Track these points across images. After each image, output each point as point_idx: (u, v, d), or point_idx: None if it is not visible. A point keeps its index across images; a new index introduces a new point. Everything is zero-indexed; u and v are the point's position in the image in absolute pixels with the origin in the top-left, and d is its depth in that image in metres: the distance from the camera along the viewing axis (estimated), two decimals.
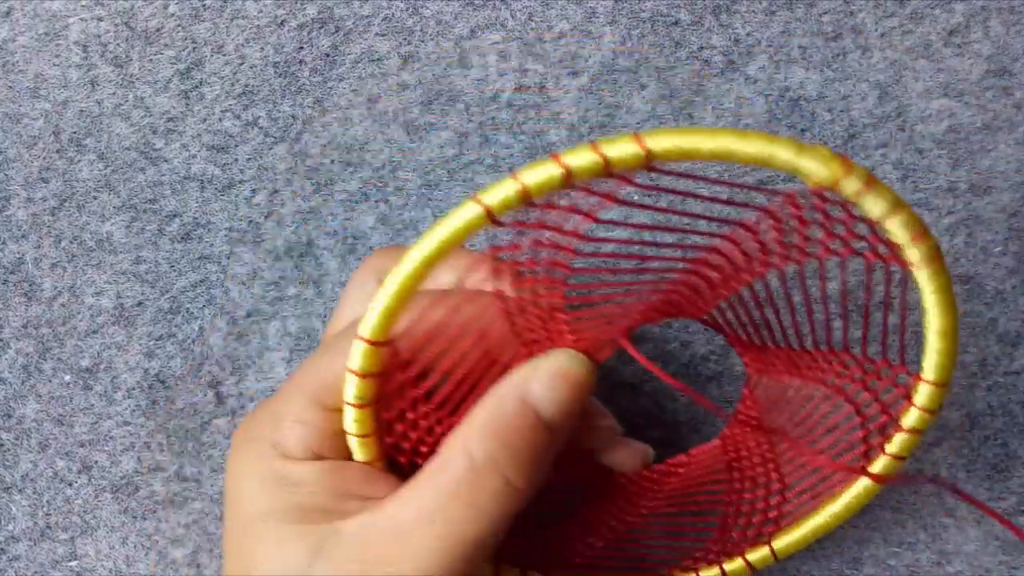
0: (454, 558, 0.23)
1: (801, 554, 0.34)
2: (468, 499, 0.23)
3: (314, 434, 0.25)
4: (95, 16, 0.36)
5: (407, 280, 0.22)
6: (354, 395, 0.24)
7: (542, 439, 0.24)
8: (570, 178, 0.20)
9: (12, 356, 0.35)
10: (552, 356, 0.24)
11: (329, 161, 0.35)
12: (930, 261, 0.22)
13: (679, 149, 0.20)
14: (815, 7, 0.35)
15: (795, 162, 0.20)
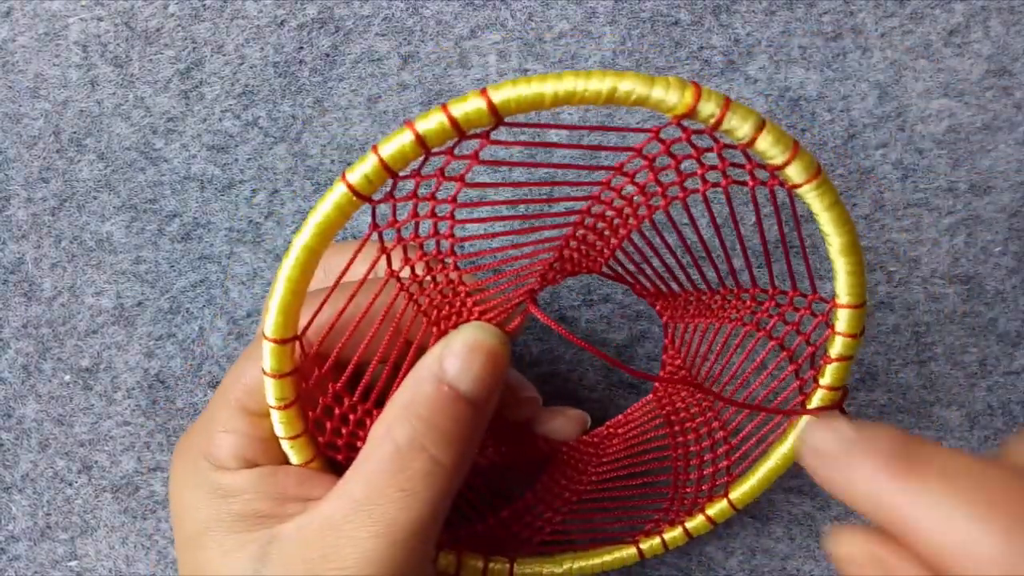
0: (393, 545, 0.23)
1: (801, 553, 0.35)
2: (397, 484, 0.23)
3: (244, 442, 0.25)
4: (95, 16, 0.36)
5: (294, 271, 0.23)
6: (275, 396, 0.24)
7: (464, 414, 0.24)
8: (424, 143, 0.21)
9: (12, 356, 0.35)
10: (463, 330, 0.24)
11: (329, 161, 0.35)
12: (810, 177, 0.22)
13: (523, 98, 0.20)
14: (815, 7, 0.35)
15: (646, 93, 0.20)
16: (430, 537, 0.24)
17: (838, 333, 0.26)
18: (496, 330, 0.24)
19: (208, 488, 0.25)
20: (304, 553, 0.24)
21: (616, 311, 0.35)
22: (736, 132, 0.21)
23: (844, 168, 0.35)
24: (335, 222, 0.22)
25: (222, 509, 0.25)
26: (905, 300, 0.35)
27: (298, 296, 0.23)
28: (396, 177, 0.21)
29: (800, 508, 0.35)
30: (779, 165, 0.21)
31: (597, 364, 0.35)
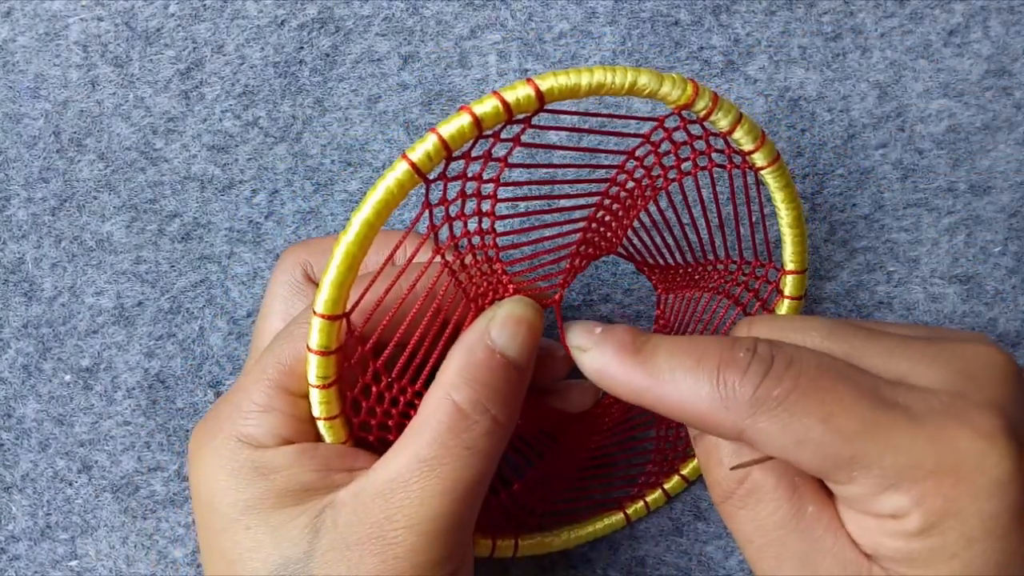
0: (457, 500, 0.24)
1: None
2: (463, 442, 0.24)
3: (282, 420, 0.25)
4: (95, 16, 0.36)
5: (352, 247, 0.23)
6: (317, 375, 0.25)
7: (513, 376, 0.25)
8: (480, 124, 0.23)
9: (12, 356, 0.35)
10: (505, 304, 0.26)
11: (329, 161, 0.35)
12: (771, 161, 0.27)
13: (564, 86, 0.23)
14: (815, 7, 0.35)
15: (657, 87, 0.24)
16: (482, 498, 0.25)
17: (785, 296, 0.31)
18: (533, 303, 0.26)
19: (247, 468, 0.25)
20: (364, 516, 0.24)
21: (616, 311, 0.35)
22: (720, 122, 0.26)
23: (844, 168, 0.35)
24: (395, 198, 0.23)
25: (264, 486, 0.25)
26: (905, 300, 0.35)
27: (353, 272, 0.24)
28: (451, 157, 0.23)
29: None
30: (749, 151, 0.27)
31: None
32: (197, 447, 0.26)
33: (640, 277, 0.35)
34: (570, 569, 0.34)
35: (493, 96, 0.23)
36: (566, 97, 0.23)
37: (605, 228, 0.29)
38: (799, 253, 0.30)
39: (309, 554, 0.24)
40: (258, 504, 0.24)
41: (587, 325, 0.25)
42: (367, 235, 0.23)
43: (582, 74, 0.23)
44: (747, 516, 0.24)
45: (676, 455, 0.34)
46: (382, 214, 0.23)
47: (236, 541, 0.24)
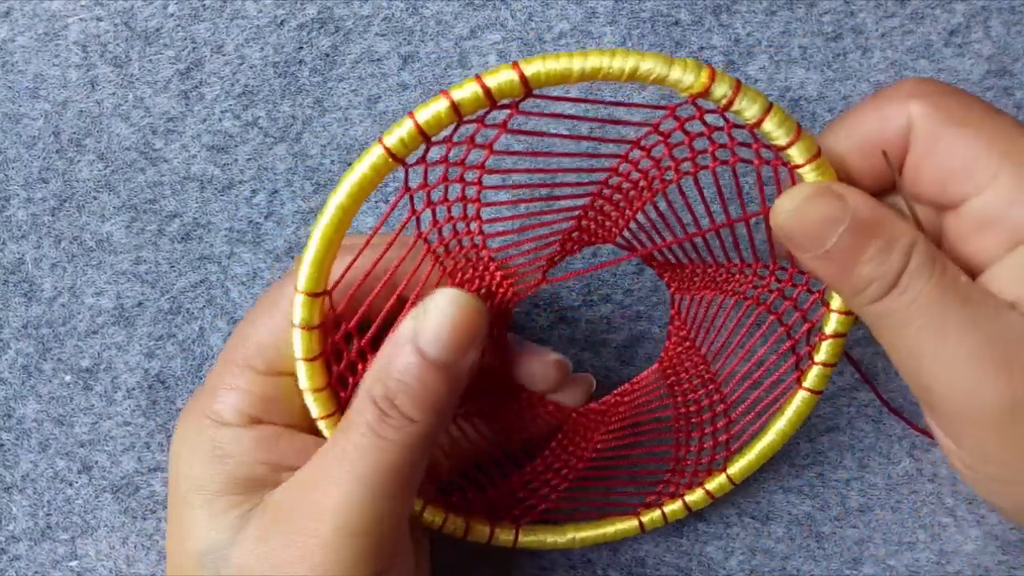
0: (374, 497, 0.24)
1: (801, 554, 0.35)
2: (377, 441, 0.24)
3: (248, 399, 0.26)
4: (95, 16, 0.36)
5: (328, 229, 0.24)
6: (303, 349, 0.25)
7: (433, 376, 0.24)
8: (458, 110, 0.22)
9: (12, 356, 0.35)
10: (436, 297, 0.24)
11: (329, 161, 0.35)
12: (811, 158, 0.24)
13: (553, 72, 0.21)
14: (815, 7, 0.35)
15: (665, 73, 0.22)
16: (405, 492, 0.25)
17: (833, 310, 0.27)
18: (471, 297, 0.25)
19: (208, 447, 0.26)
20: (284, 514, 0.24)
21: (616, 311, 0.35)
22: (745, 113, 0.23)
23: None
24: (370, 182, 0.23)
25: (218, 469, 0.25)
26: None
27: (331, 251, 0.24)
28: (429, 142, 0.23)
29: (800, 508, 0.35)
30: (783, 146, 0.23)
31: (597, 364, 0.35)
32: (177, 424, 0.27)
33: (640, 277, 0.35)
34: (570, 569, 0.34)
35: (474, 80, 0.22)
36: (556, 83, 0.22)
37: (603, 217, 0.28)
38: None
39: (232, 542, 0.25)
40: (207, 485, 0.25)
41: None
42: (342, 219, 0.23)
43: (574, 58, 0.22)
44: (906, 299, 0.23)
45: (700, 467, 0.32)
46: (357, 198, 0.23)
47: (181, 516, 0.26)
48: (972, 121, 0.24)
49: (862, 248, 0.23)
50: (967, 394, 0.23)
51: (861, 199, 0.24)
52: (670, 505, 0.32)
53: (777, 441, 0.30)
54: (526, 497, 0.32)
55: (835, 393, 0.35)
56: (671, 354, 0.33)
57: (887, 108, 0.25)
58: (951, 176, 0.25)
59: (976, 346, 0.23)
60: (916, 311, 0.23)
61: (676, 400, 0.32)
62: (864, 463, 0.35)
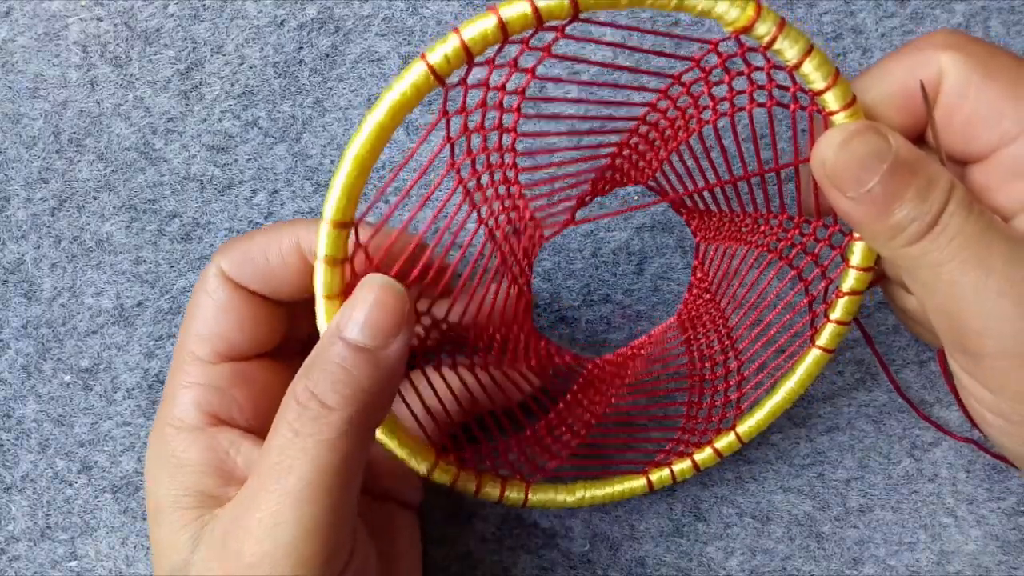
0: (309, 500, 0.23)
1: (801, 554, 0.35)
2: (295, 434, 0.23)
3: (204, 392, 0.26)
4: (95, 16, 0.36)
5: (363, 149, 0.22)
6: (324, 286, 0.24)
7: (356, 361, 0.23)
8: (505, 29, 0.21)
9: (12, 356, 0.35)
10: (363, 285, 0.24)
11: (329, 161, 0.35)
12: (845, 104, 0.23)
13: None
14: (815, 7, 0.35)
15: (711, 5, 0.21)
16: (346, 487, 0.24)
17: (852, 267, 0.27)
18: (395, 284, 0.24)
19: (167, 460, 0.26)
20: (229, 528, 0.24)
21: (616, 311, 0.35)
22: (785, 53, 0.22)
23: None
24: (410, 100, 0.22)
25: (177, 482, 0.25)
26: None
27: (363, 177, 0.23)
28: (472, 62, 0.22)
29: (800, 508, 0.35)
30: (820, 90, 0.23)
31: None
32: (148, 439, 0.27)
33: (640, 277, 0.35)
34: (570, 570, 0.34)
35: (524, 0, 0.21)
36: (605, 6, 0.21)
37: (638, 157, 0.27)
38: None
39: (187, 563, 0.25)
40: (170, 502, 0.25)
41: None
42: (379, 137, 0.22)
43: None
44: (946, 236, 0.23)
45: (710, 425, 0.31)
46: (396, 117, 0.22)
47: (153, 535, 0.26)
48: (1003, 72, 0.24)
49: (903, 188, 0.23)
50: (1014, 327, 0.23)
51: (902, 140, 0.24)
52: (679, 464, 0.31)
53: (786, 399, 0.30)
54: (539, 454, 0.31)
55: (835, 393, 0.35)
56: (690, 307, 0.32)
57: (918, 57, 0.25)
58: (981, 126, 0.25)
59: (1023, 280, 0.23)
60: (957, 247, 0.23)
61: (692, 356, 0.32)
62: (864, 463, 0.35)
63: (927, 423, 0.34)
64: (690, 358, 0.32)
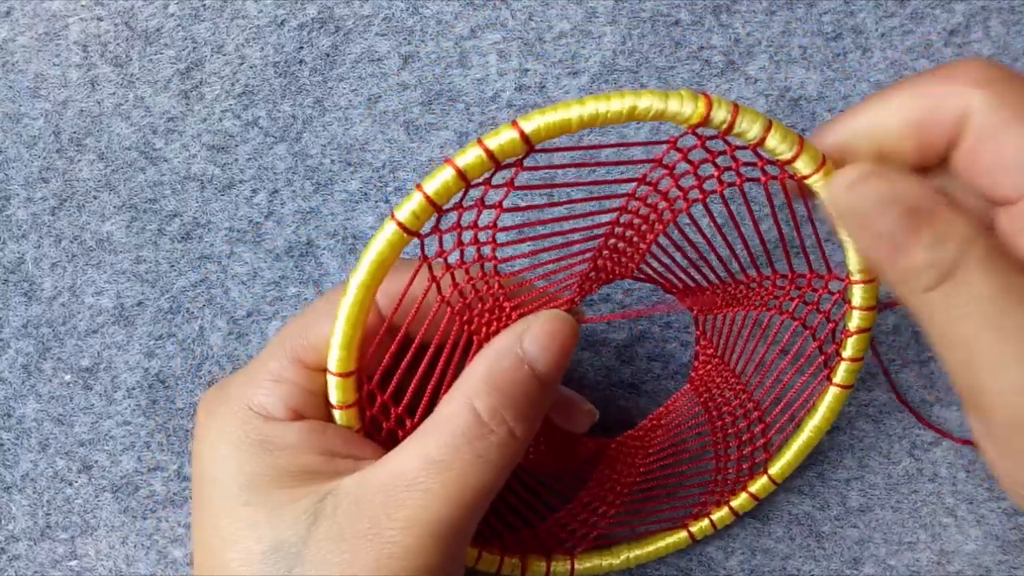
0: (460, 508, 0.23)
1: (801, 554, 0.35)
2: (475, 450, 0.24)
3: (295, 392, 0.25)
4: (95, 16, 0.36)
5: (353, 309, 0.24)
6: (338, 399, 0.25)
7: (537, 391, 0.24)
8: (465, 176, 0.22)
9: (12, 356, 0.35)
10: (543, 315, 0.25)
11: (329, 161, 0.35)
12: (818, 167, 0.24)
13: (552, 124, 0.22)
14: (815, 7, 0.35)
15: (663, 107, 0.22)
16: (485, 509, 0.25)
17: (855, 308, 0.28)
18: (570, 319, 0.25)
19: (254, 440, 0.25)
20: (365, 509, 0.23)
21: (616, 311, 0.35)
22: (747, 134, 0.23)
23: None
24: (388, 259, 0.23)
25: (269, 463, 0.24)
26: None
27: (358, 330, 0.24)
28: (440, 211, 0.23)
29: (800, 508, 0.35)
30: (788, 160, 0.24)
31: (597, 364, 0.35)
32: (206, 414, 0.26)
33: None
34: None
35: (476, 145, 0.22)
36: (557, 135, 0.22)
37: (619, 255, 0.28)
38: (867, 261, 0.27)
39: (304, 540, 0.23)
40: (260, 481, 0.24)
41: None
42: (365, 297, 0.24)
43: (571, 107, 0.22)
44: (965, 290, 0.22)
45: (741, 472, 0.32)
46: (377, 275, 0.24)
47: (234, 516, 0.24)
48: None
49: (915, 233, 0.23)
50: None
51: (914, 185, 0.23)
52: (717, 512, 0.33)
53: (813, 437, 0.31)
54: (577, 528, 0.32)
55: None
56: (700, 373, 0.33)
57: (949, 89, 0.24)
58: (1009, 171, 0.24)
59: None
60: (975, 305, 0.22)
61: (711, 415, 0.33)
62: (864, 463, 0.35)
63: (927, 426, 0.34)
64: (710, 417, 0.33)
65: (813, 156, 0.24)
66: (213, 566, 0.24)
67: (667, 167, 0.25)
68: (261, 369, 0.26)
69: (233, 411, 0.25)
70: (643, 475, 0.33)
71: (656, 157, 0.25)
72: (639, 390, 0.35)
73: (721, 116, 0.22)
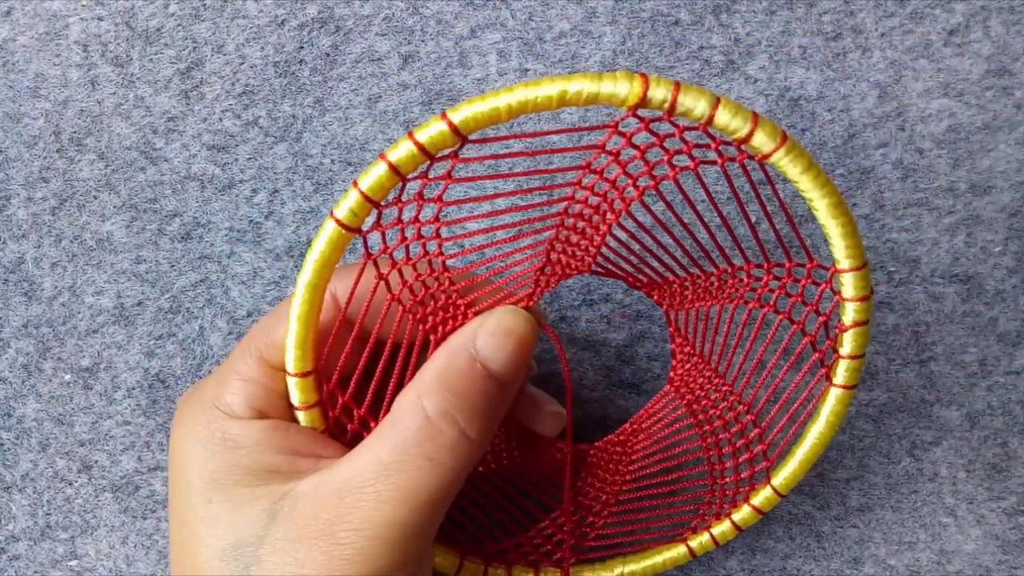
0: (412, 511, 0.23)
1: (801, 553, 0.34)
2: (425, 452, 0.23)
3: (259, 391, 0.26)
4: (95, 16, 0.36)
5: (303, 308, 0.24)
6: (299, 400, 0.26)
7: (492, 390, 0.24)
8: (398, 171, 0.22)
9: (12, 356, 0.35)
10: (497, 313, 0.25)
11: (329, 161, 0.35)
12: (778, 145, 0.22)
13: (480, 115, 0.21)
14: (815, 7, 0.35)
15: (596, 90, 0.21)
16: (443, 511, 0.25)
17: (845, 299, 0.25)
18: (528, 316, 0.25)
19: (217, 438, 0.25)
20: (320, 511, 0.23)
21: (616, 311, 0.35)
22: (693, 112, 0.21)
23: (844, 168, 0.35)
24: (331, 257, 0.24)
25: (231, 460, 0.25)
26: (905, 300, 0.35)
27: (311, 330, 0.24)
28: (379, 206, 0.23)
29: (800, 508, 0.35)
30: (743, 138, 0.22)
31: (597, 364, 0.35)
32: (179, 414, 0.27)
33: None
34: None
35: (407, 139, 0.22)
36: (487, 124, 0.22)
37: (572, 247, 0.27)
38: (852, 246, 0.24)
39: (261, 539, 0.24)
40: (223, 478, 0.25)
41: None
42: (314, 296, 0.24)
43: (499, 96, 0.22)
44: None
45: (741, 482, 0.30)
46: (322, 273, 0.24)
47: (197, 513, 0.25)
48: None
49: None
50: None
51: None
52: (718, 527, 0.30)
53: (819, 444, 0.28)
54: (563, 539, 0.31)
55: None
56: (680, 372, 0.32)
57: None
58: None
59: None
60: None
61: (698, 419, 0.31)
62: (864, 463, 0.35)
63: (926, 423, 0.34)
64: (696, 421, 0.31)
65: (770, 132, 0.22)
66: (183, 563, 0.25)
67: (611, 153, 0.24)
68: (231, 370, 0.26)
69: (203, 410, 0.26)
70: (629, 483, 0.32)
71: (598, 143, 0.24)
72: (639, 390, 0.35)
73: (660, 95, 0.21)
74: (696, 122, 0.22)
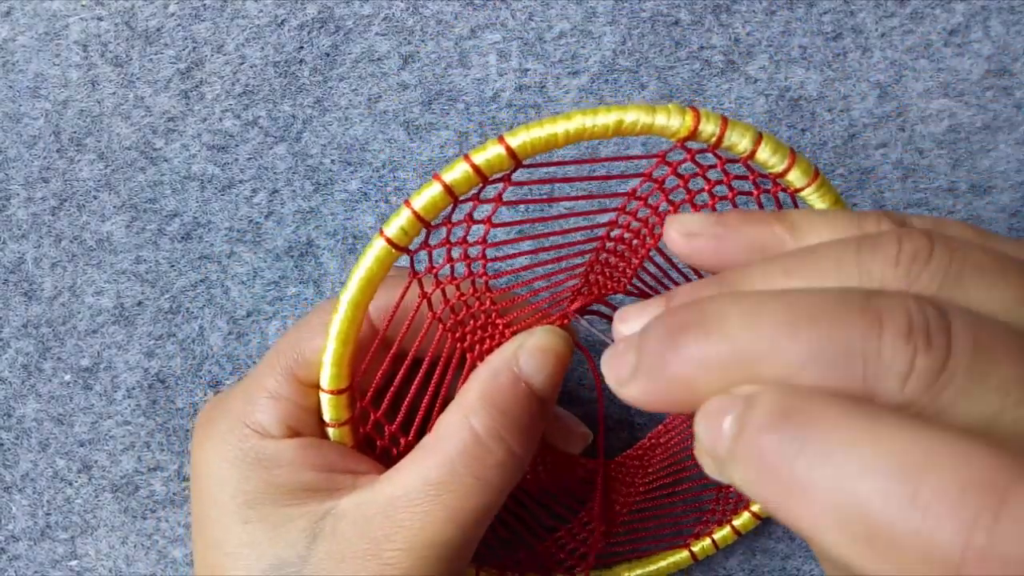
0: (459, 529, 0.23)
1: (801, 553, 0.34)
2: (473, 472, 0.23)
3: (291, 409, 0.25)
4: (95, 16, 0.36)
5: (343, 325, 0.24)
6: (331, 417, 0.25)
7: (535, 408, 0.24)
8: (452, 192, 0.22)
9: (12, 356, 0.35)
10: (537, 332, 0.25)
11: (329, 161, 0.35)
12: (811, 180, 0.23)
13: (538, 140, 0.22)
14: (815, 7, 0.35)
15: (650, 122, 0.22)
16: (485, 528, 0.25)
17: None
18: (565, 335, 0.25)
19: (252, 458, 0.25)
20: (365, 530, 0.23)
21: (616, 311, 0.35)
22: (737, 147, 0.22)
23: (844, 168, 0.35)
24: (377, 275, 0.23)
25: (265, 479, 0.24)
26: None
27: (349, 347, 0.24)
28: (429, 227, 0.23)
29: None
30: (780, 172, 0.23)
31: (596, 364, 0.35)
32: (203, 431, 0.26)
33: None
34: None
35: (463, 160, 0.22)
36: (544, 150, 0.22)
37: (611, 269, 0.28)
38: None
39: (304, 559, 0.23)
40: (259, 498, 0.24)
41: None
42: (356, 314, 0.24)
43: (558, 123, 0.22)
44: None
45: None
46: (367, 291, 0.23)
47: (233, 534, 0.24)
48: None
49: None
50: None
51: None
52: (719, 532, 0.32)
53: None
54: (577, 548, 0.32)
55: None
56: None
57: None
58: None
59: None
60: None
61: None
62: None
63: None
64: None
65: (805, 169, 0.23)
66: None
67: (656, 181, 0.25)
68: (258, 386, 0.26)
69: (231, 428, 0.25)
70: (643, 495, 0.32)
71: (645, 171, 0.25)
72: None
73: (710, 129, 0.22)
74: (738, 156, 0.23)
